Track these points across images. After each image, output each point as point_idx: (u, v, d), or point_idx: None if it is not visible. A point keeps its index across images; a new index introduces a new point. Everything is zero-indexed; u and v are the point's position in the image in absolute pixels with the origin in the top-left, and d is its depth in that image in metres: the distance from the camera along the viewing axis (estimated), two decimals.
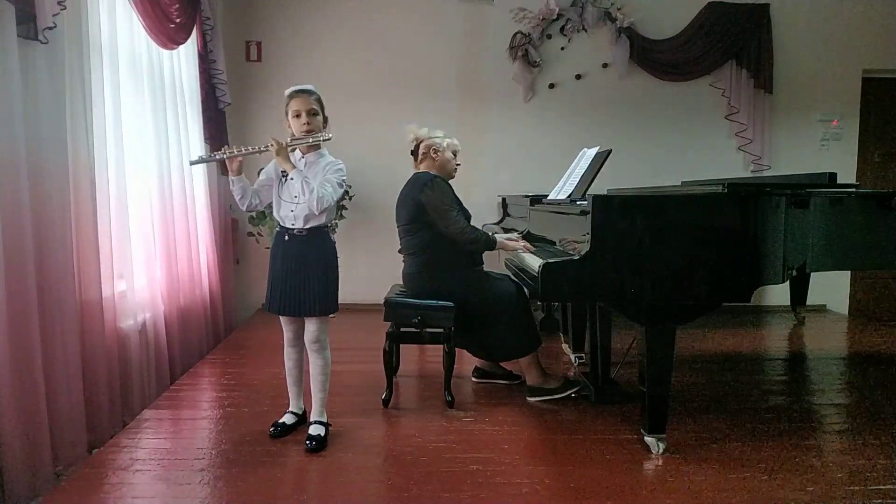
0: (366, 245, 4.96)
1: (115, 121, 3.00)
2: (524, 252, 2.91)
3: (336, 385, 2.76)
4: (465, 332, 3.01)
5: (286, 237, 2.42)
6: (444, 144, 3.03)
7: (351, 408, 2.82)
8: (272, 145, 2.33)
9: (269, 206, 2.53)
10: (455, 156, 3.09)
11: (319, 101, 2.41)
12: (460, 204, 3.00)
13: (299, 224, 2.39)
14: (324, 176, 2.35)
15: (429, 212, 2.89)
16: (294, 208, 2.38)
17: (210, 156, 2.76)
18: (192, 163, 2.57)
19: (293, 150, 2.42)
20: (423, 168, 3.05)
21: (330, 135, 2.39)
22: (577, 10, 4.97)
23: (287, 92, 2.41)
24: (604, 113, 5.11)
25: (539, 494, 2.08)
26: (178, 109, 3.81)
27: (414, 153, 3.08)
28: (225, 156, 2.40)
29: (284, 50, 4.96)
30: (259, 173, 2.54)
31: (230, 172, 2.43)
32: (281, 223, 2.45)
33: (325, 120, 2.45)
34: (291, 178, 2.33)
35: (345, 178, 2.43)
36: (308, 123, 2.36)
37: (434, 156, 3.02)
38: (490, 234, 2.97)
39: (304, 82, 2.44)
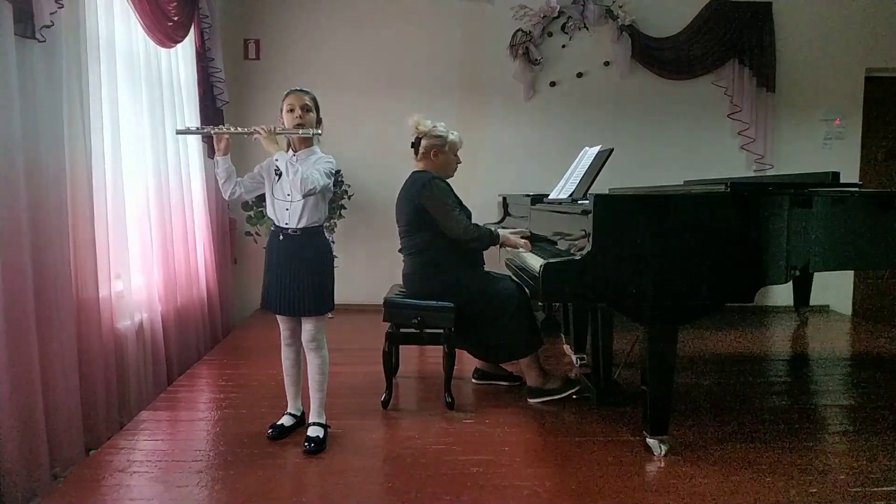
0: (365, 245, 4.94)
1: (113, 119, 2.99)
2: (525, 250, 2.89)
3: (335, 386, 2.74)
4: (465, 333, 2.99)
5: (280, 236, 2.41)
6: (447, 147, 3.00)
7: (350, 409, 2.80)
8: (261, 130, 2.33)
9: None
10: (456, 154, 3.07)
11: (315, 100, 2.44)
12: (460, 203, 2.98)
13: (293, 223, 2.38)
14: (313, 167, 2.35)
15: (430, 213, 2.87)
16: (288, 206, 2.38)
17: (199, 128, 2.78)
18: (178, 132, 2.62)
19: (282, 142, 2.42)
20: (422, 166, 3.03)
21: (319, 131, 2.40)
22: (579, 8, 4.94)
23: (285, 91, 2.44)
24: (605, 111, 5.09)
25: (540, 496, 2.06)
26: (176, 108, 3.78)
27: (415, 146, 3.06)
28: (213, 131, 2.43)
29: (283, 48, 4.94)
30: (255, 168, 2.52)
31: (217, 152, 2.41)
32: (275, 222, 2.44)
33: (320, 121, 2.45)
34: (277, 160, 2.32)
35: (332, 168, 2.42)
36: (300, 118, 2.37)
37: (434, 158, 3.00)
38: (493, 229, 2.95)
39: (303, 80, 2.48)
